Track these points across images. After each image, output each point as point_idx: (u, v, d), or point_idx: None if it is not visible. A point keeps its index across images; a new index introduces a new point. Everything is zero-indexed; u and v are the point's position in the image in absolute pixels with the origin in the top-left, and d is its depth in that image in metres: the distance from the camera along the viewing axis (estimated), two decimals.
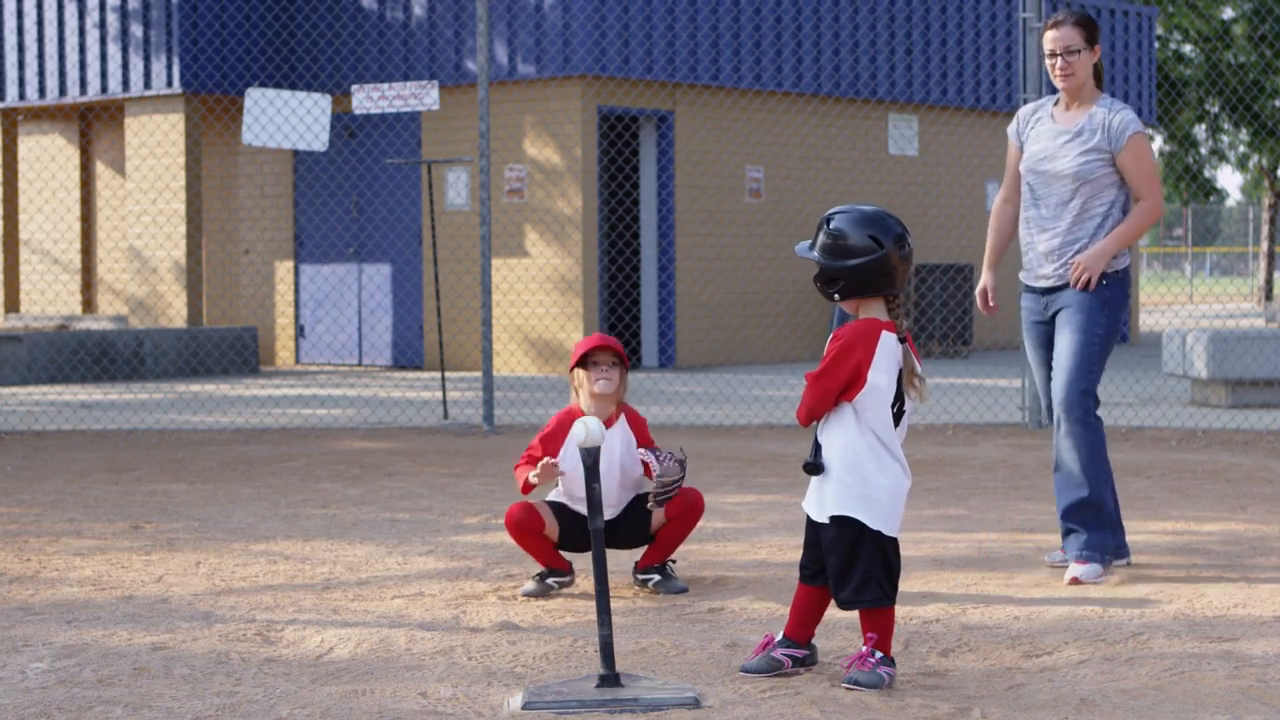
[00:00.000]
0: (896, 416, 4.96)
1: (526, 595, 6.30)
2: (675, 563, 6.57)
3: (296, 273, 21.17)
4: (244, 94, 15.74)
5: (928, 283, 21.14)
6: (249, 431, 12.72)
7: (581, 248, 18.80)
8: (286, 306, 21.26)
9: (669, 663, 5.21)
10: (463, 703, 4.73)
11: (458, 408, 14.34)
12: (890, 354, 4.93)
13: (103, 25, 20.68)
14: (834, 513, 4.93)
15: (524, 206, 19.18)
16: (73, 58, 21.00)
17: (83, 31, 20.85)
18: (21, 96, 21.51)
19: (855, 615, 5.14)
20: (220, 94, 20.34)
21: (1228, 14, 35.97)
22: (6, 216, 22.11)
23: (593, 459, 4.98)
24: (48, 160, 22.96)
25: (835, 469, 4.94)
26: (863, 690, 4.80)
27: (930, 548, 7.35)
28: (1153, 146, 7.11)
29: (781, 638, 5.07)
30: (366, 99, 13.92)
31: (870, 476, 4.92)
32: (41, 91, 21.27)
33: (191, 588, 6.53)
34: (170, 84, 20.19)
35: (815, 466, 4.96)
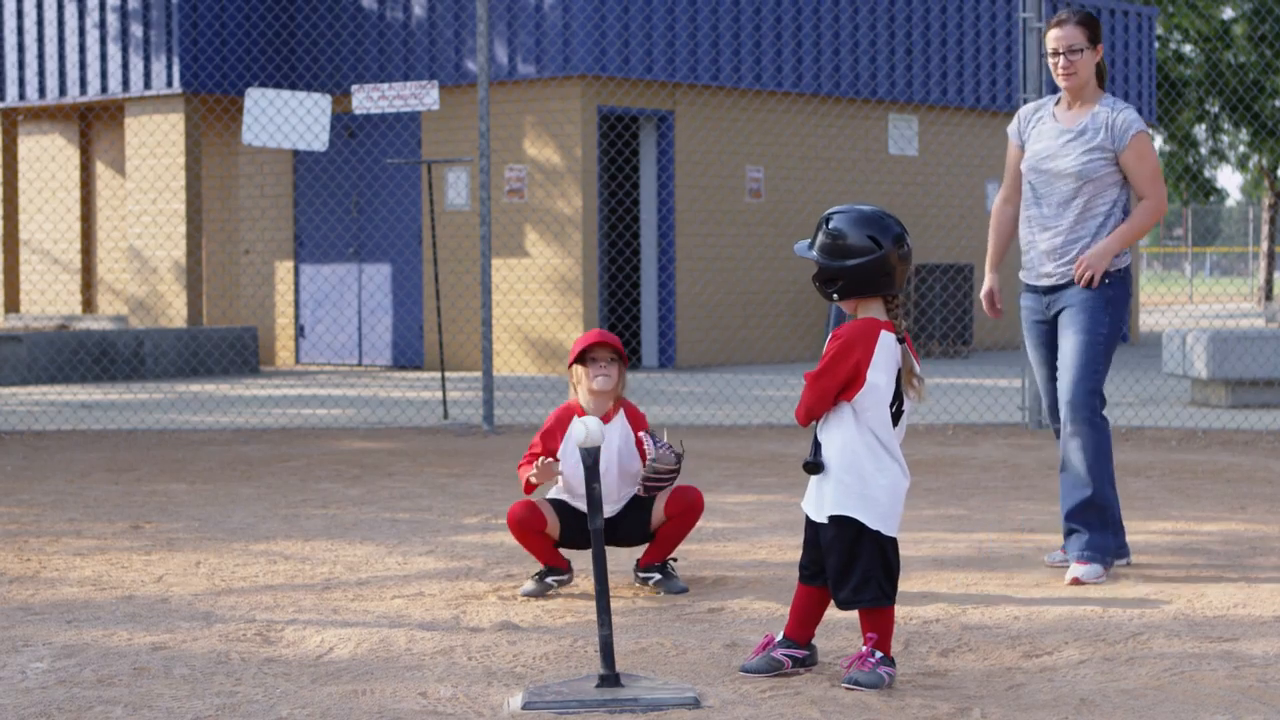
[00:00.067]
0: (895, 416, 4.96)
1: (526, 595, 6.30)
2: (677, 561, 6.57)
3: (296, 273, 21.17)
4: (244, 94, 15.74)
5: (928, 283, 21.13)
6: (249, 431, 12.72)
7: (581, 248, 18.80)
8: (286, 306, 21.26)
9: (669, 663, 5.21)
10: (463, 703, 4.73)
11: (458, 408, 14.34)
12: (889, 354, 4.93)
13: (103, 25, 20.68)
14: (833, 512, 4.93)
15: (524, 206, 19.18)
16: (73, 58, 21.00)
17: (83, 31, 20.85)
18: (21, 96, 21.51)
19: (855, 615, 5.14)
20: (220, 94, 20.34)
21: (1228, 14, 35.96)
22: (6, 216, 22.11)
23: (593, 459, 4.98)
24: (48, 160, 22.96)
25: (834, 468, 4.94)
26: (863, 690, 4.80)
27: (930, 548, 7.35)
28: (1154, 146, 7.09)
29: (782, 638, 5.07)
30: (366, 99, 13.92)
31: (869, 476, 4.92)
32: (41, 91, 21.27)
33: (191, 588, 6.54)
34: (170, 84, 20.19)
35: (815, 466, 4.96)
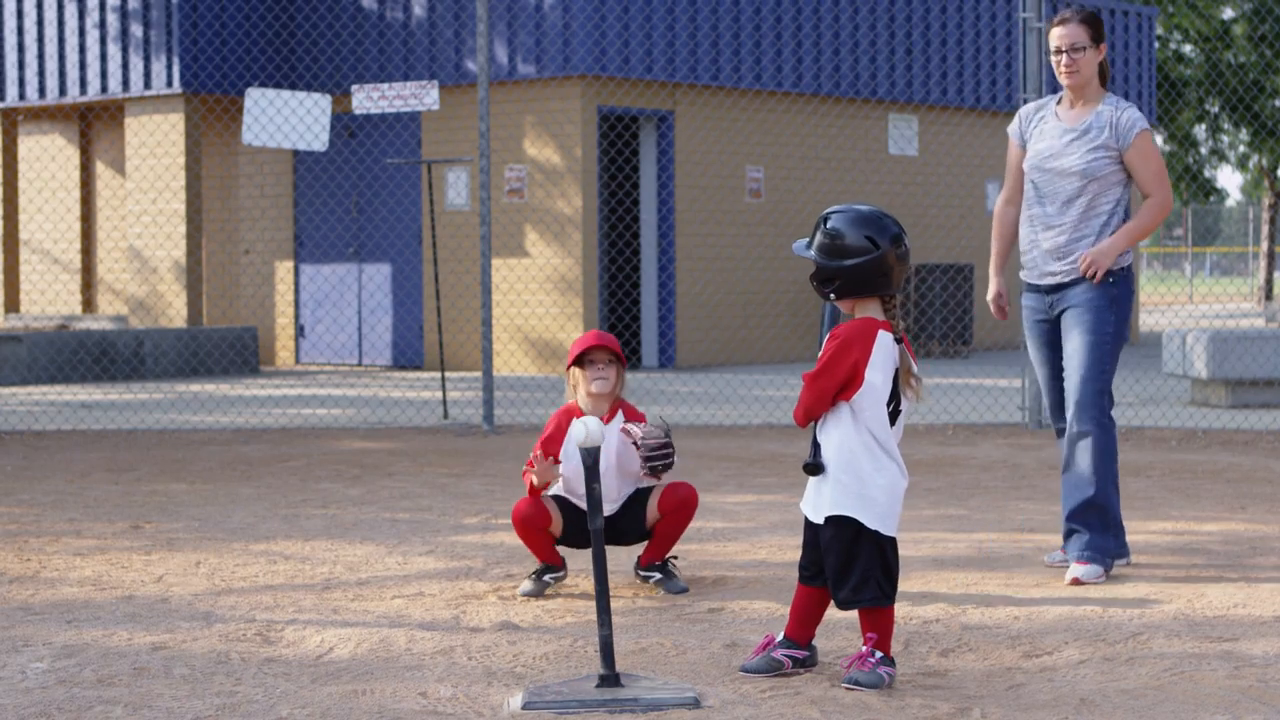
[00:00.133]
0: (893, 416, 4.96)
1: (524, 595, 6.30)
2: (678, 560, 6.57)
3: (296, 273, 21.17)
4: (244, 94, 15.74)
5: (928, 283, 21.13)
6: (249, 431, 12.72)
7: (581, 248, 18.80)
8: (286, 306, 21.26)
9: (669, 663, 5.21)
10: (463, 703, 4.73)
11: (458, 408, 14.34)
12: (887, 353, 4.93)
13: (103, 25, 20.68)
14: (831, 512, 4.93)
15: (524, 206, 19.18)
16: (73, 58, 21.00)
17: (83, 31, 20.85)
18: (21, 96, 21.51)
19: (855, 615, 5.14)
20: (220, 94, 20.34)
21: (1228, 14, 35.96)
22: (6, 216, 22.11)
23: (593, 459, 4.98)
24: (48, 160, 22.96)
25: (832, 469, 4.94)
26: (863, 690, 4.80)
27: (930, 548, 7.35)
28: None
29: (782, 638, 5.07)
30: (366, 99, 13.92)
31: (867, 476, 4.92)
32: (41, 91, 21.27)
33: (191, 588, 6.53)
34: (170, 84, 20.19)
35: (815, 467, 4.96)
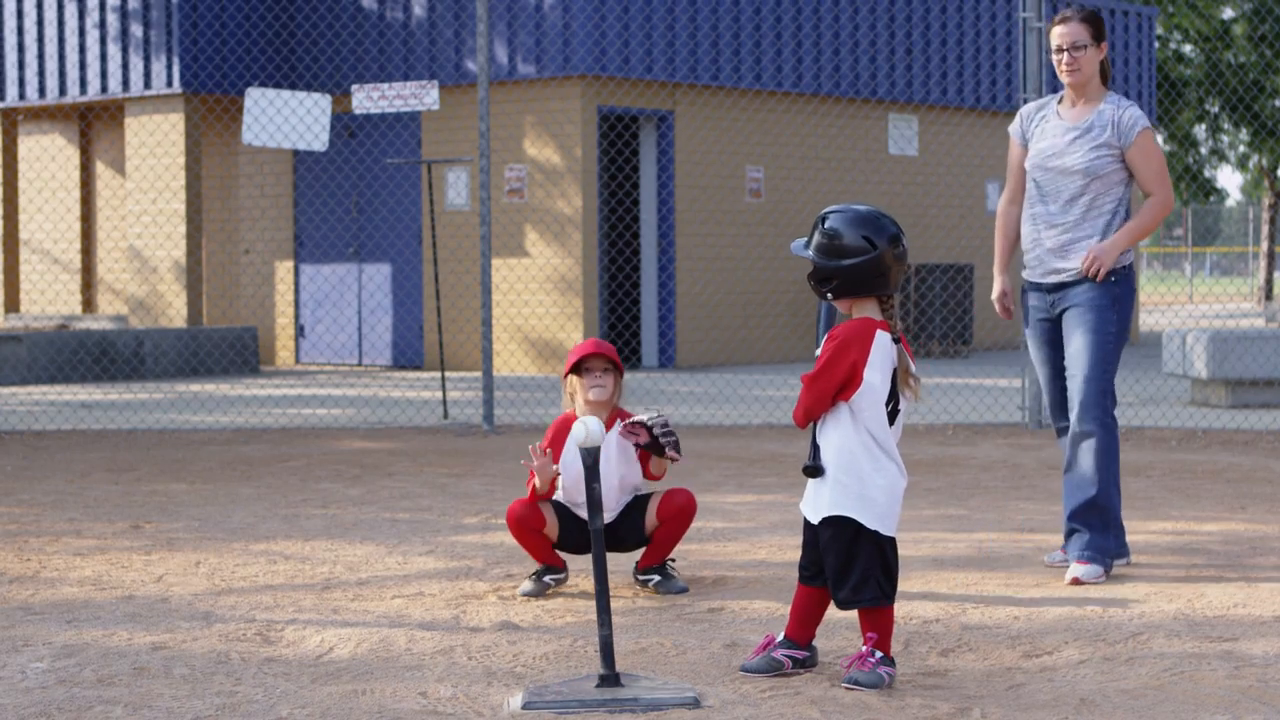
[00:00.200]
0: (891, 416, 4.96)
1: (524, 595, 6.30)
2: (675, 561, 6.57)
3: (296, 273, 21.17)
4: (244, 94, 15.74)
5: (928, 283, 21.13)
6: (249, 431, 12.72)
7: (581, 248, 18.80)
8: (286, 306, 21.26)
9: (669, 663, 5.21)
10: (463, 703, 4.73)
11: (458, 408, 14.34)
12: (885, 353, 4.92)
13: (103, 25, 20.68)
14: (830, 513, 4.93)
15: (524, 206, 19.18)
16: (73, 58, 21.00)
17: (83, 31, 20.85)
18: (21, 96, 21.51)
19: (855, 615, 5.14)
20: (220, 94, 20.34)
21: (1228, 14, 35.95)
22: (6, 216, 22.11)
23: (592, 459, 4.97)
24: (48, 160, 22.96)
25: (831, 469, 4.94)
26: (863, 690, 4.80)
27: (930, 548, 7.35)
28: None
29: (782, 638, 5.07)
30: (366, 99, 13.92)
31: (866, 476, 4.92)
32: (41, 91, 21.27)
33: (191, 588, 6.53)
34: (170, 84, 20.19)
35: (815, 470, 4.96)
